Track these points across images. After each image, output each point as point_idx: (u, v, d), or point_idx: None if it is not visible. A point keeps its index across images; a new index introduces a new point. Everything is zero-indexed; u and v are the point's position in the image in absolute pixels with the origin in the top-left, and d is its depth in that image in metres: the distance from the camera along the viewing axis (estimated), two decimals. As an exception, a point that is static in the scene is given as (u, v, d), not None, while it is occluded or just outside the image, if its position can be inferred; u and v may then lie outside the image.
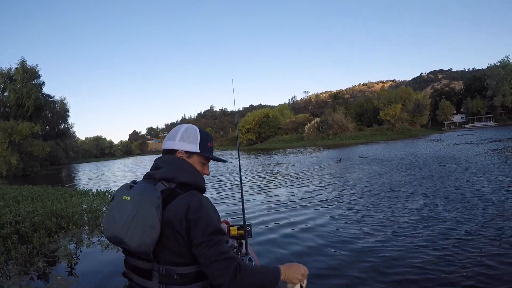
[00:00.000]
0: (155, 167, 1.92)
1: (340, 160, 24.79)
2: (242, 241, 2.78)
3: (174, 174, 1.84)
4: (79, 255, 6.04)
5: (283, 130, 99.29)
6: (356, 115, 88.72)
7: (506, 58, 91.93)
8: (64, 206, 9.44)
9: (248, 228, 2.67)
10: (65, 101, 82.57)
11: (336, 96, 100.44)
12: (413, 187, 11.18)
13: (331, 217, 8.20)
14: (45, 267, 5.45)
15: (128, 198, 1.77)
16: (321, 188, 12.63)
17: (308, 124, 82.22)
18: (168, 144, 1.98)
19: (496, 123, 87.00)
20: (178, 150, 1.96)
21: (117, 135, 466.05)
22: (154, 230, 1.65)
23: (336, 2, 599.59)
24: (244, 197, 9.19)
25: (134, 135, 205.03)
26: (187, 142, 1.98)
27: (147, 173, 1.93)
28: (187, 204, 1.73)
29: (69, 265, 5.57)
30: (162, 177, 1.82)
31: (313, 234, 6.86)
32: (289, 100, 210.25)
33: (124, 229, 1.72)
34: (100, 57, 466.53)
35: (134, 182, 1.91)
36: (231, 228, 2.76)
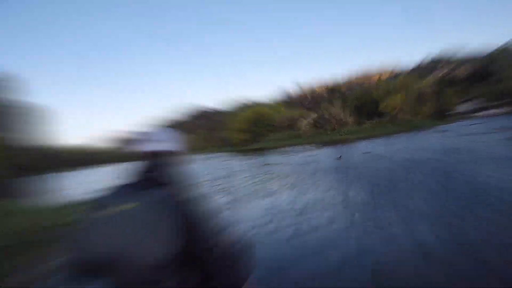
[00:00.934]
0: (150, 168, 1.98)
1: (340, 157, 24.65)
2: None
3: (177, 176, 2.00)
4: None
5: (278, 127, 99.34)
6: (355, 109, 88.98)
7: None
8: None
9: None
10: (51, 108, 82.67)
11: (333, 90, 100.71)
12: (421, 186, 10.91)
13: (334, 221, 8.00)
14: None
15: (132, 206, 1.71)
16: (322, 190, 12.34)
17: (304, 120, 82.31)
18: (154, 146, 2.10)
19: (506, 109, 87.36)
20: (167, 150, 2.13)
21: (104, 140, 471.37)
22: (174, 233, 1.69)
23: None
24: (243, 204, 8.82)
25: (116, 142, 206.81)
26: (172, 142, 2.17)
27: (139, 175, 1.97)
28: (192, 201, 1.89)
29: None
30: (165, 181, 1.92)
31: (319, 242, 6.65)
32: (282, 95, 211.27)
33: (132, 241, 1.63)
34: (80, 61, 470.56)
35: (120, 186, 1.91)
36: None
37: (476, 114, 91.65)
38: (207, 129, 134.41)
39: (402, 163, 16.53)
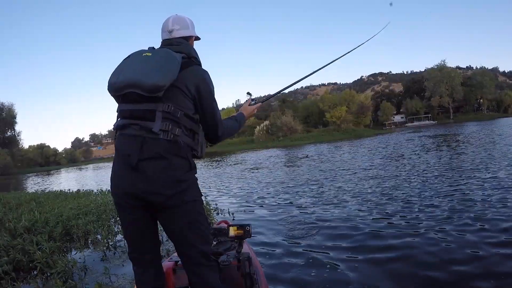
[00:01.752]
0: (168, 44, 2.34)
1: (307, 156, 26.55)
2: (241, 240, 2.94)
3: (189, 50, 2.33)
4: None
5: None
6: (303, 118, 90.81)
7: (442, 62, 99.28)
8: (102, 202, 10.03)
9: (247, 228, 2.84)
10: (13, 108, 79.74)
11: (284, 100, 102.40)
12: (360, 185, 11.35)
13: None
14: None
15: (150, 54, 2.13)
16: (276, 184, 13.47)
17: (258, 127, 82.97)
18: (181, 33, 2.39)
19: (435, 121, 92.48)
20: (190, 36, 2.45)
21: (60, 142, 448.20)
22: (172, 73, 2.03)
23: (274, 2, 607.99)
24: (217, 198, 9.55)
25: (77, 142, 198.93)
26: (192, 28, 2.48)
27: (164, 43, 2.39)
28: (201, 76, 2.24)
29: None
30: (178, 50, 2.23)
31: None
32: (233, 103, 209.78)
33: (144, 71, 2.02)
34: (36, 60, 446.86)
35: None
36: (230, 227, 2.92)
37: (409, 124, 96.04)
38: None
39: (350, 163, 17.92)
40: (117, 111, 2.24)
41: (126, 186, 2.06)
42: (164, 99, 2.05)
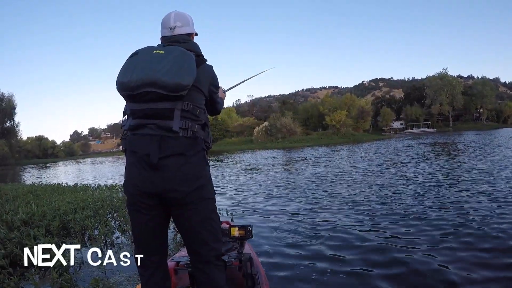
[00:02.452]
0: (173, 41, 2.35)
1: (305, 158, 26.57)
2: (243, 241, 2.95)
3: (196, 48, 2.37)
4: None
5: (231, 132, 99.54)
6: (302, 120, 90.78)
7: (444, 70, 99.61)
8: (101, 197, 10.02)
9: (249, 229, 2.83)
10: (13, 98, 79.55)
11: (285, 102, 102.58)
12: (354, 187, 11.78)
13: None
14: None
15: (163, 52, 2.11)
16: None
17: (257, 127, 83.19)
18: (184, 30, 2.41)
19: (435, 129, 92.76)
20: (192, 33, 2.48)
21: (58, 135, 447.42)
22: (194, 73, 2.08)
23: (280, 5, 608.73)
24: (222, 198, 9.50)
25: (76, 136, 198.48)
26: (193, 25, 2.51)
27: (166, 40, 2.40)
28: (212, 73, 2.36)
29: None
30: (188, 48, 2.24)
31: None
32: (233, 103, 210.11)
33: (163, 69, 2.00)
34: (38, 52, 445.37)
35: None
36: (232, 228, 2.90)
37: (408, 131, 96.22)
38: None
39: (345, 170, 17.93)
40: (126, 110, 2.23)
41: (144, 185, 2.07)
42: (183, 97, 2.09)
